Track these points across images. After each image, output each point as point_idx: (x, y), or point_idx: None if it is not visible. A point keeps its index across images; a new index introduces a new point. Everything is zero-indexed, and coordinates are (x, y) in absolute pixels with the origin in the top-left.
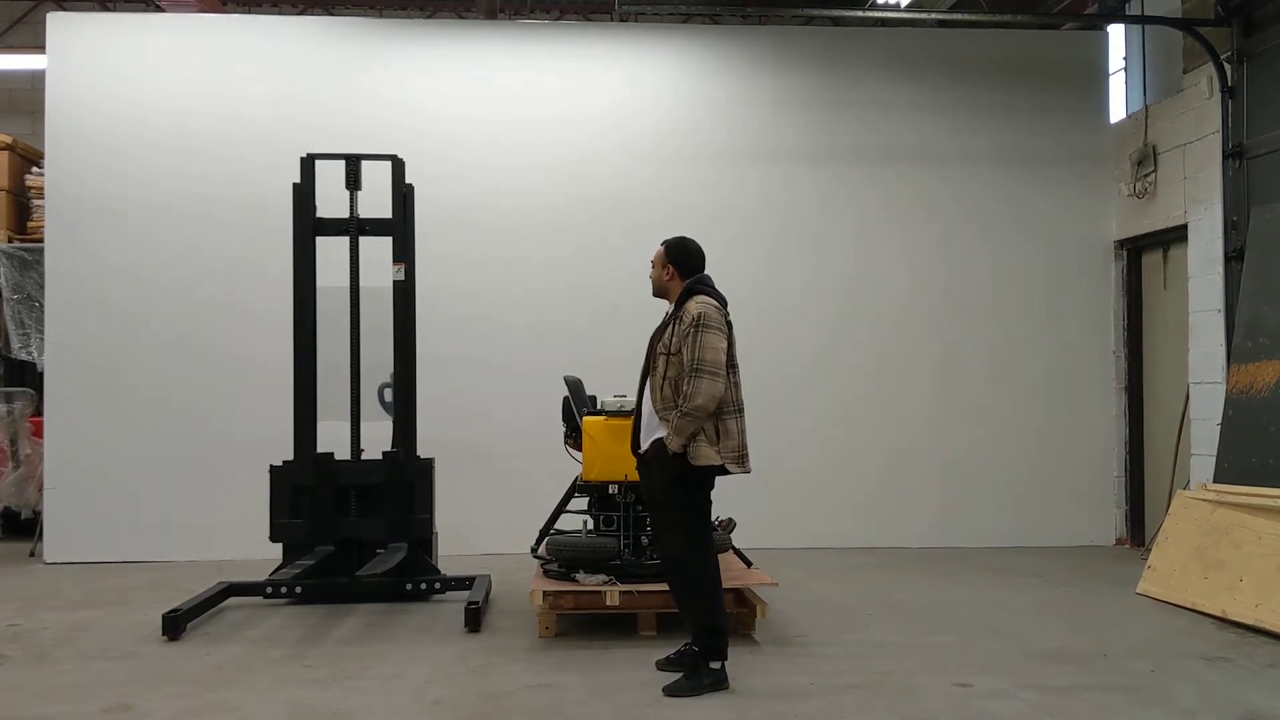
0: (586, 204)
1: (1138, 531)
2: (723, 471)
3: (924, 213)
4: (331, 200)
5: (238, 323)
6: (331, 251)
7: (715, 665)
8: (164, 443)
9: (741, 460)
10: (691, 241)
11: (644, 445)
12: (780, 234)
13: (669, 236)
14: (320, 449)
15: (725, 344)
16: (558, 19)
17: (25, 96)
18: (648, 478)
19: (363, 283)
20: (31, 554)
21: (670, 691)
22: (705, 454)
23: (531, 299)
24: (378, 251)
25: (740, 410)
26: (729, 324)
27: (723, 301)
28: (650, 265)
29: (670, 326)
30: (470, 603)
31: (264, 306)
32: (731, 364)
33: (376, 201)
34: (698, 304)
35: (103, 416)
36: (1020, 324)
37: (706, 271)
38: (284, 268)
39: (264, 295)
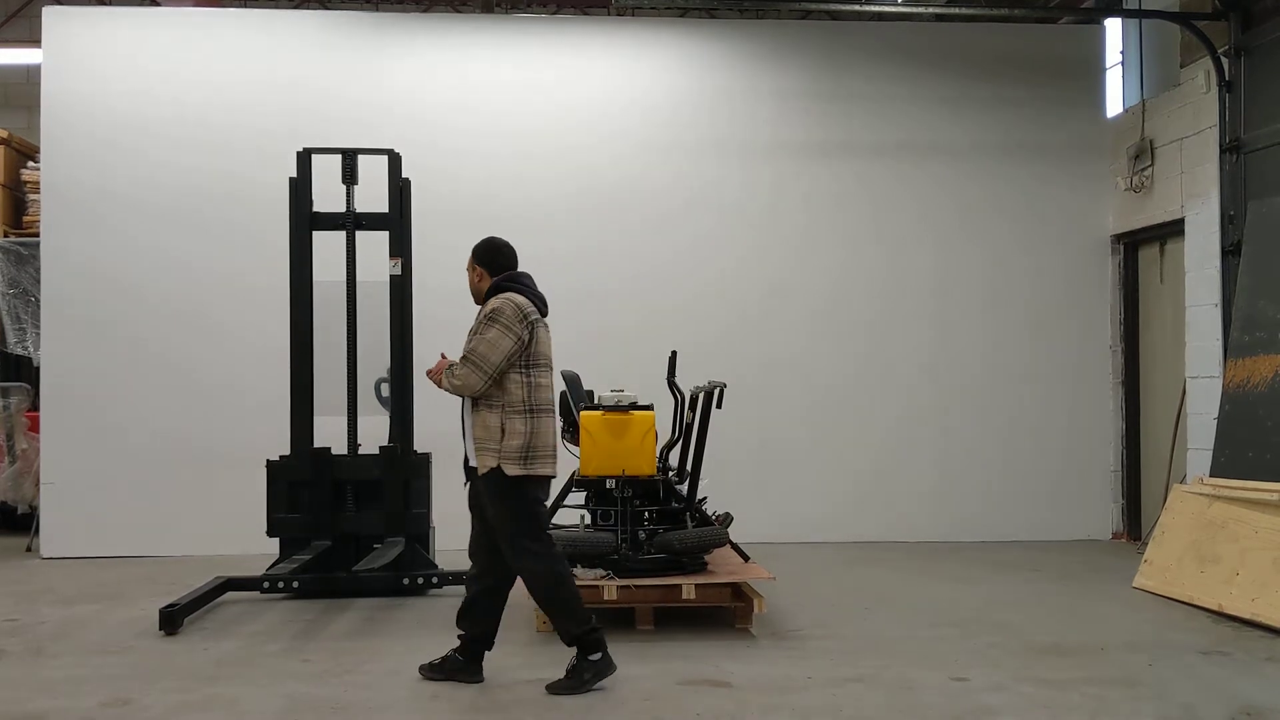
0: (584, 199)
1: (1134, 526)
2: (541, 481)
3: (920, 206)
4: (328, 195)
5: (234, 317)
6: (328, 246)
7: (594, 657)
8: (161, 437)
9: (525, 461)
10: (499, 240)
11: (470, 456)
12: (776, 227)
13: (498, 238)
14: (317, 444)
15: (511, 343)
16: (554, 13)
17: (21, 91)
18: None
19: (359, 277)
20: (28, 549)
21: (552, 689)
22: (483, 459)
23: None
24: (375, 246)
25: (533, 411)
26: (534, 323)
27: (539, 300)
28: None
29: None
30: None
31: (261, 301)
32: (532, 364)
33: (373, 196)
34: (498, 299)
35: (99, 411)
36: (1016, 318)
37: (524, 269)
38: (280, 262)
39: (261, 290)
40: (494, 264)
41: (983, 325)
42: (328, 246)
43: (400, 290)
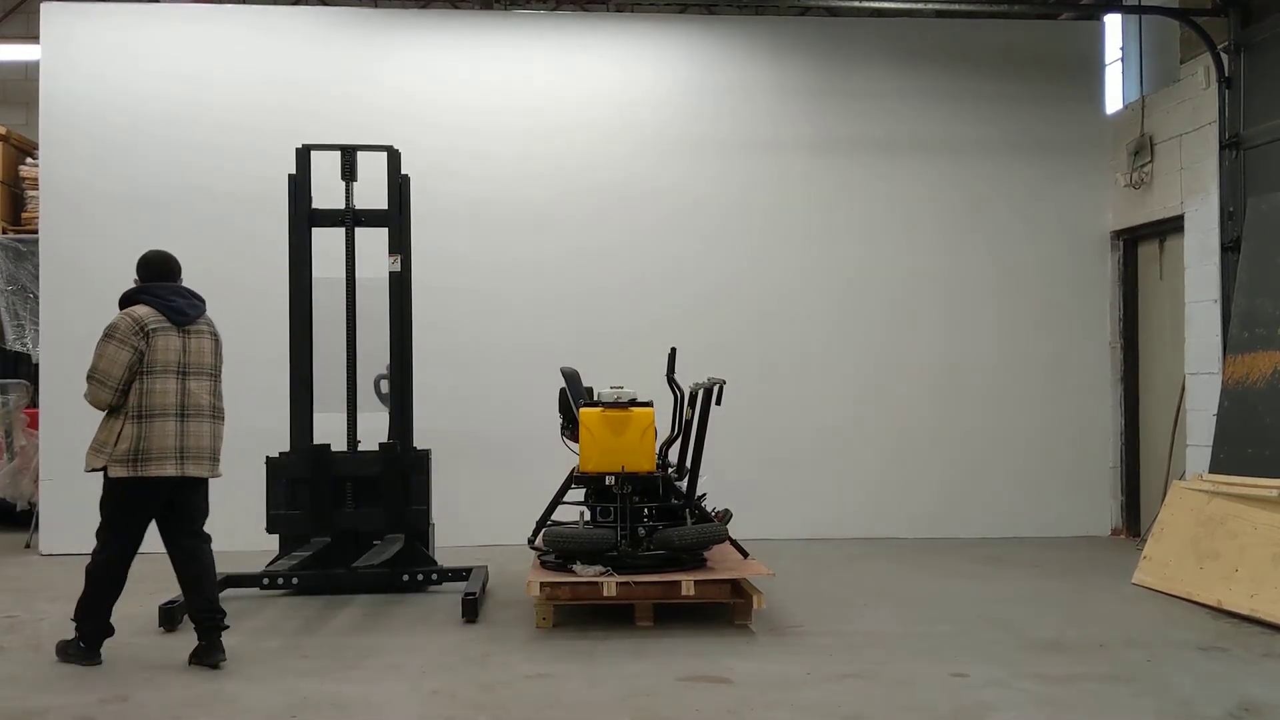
0: (583, 196)
1: (1133, 522)
2: (151, 483)
3: (920, 203)
4: (327, 192)
5: (233, 314)
6: (327, 243)
7: (83, 646)
8: None
9: (132, 464)
10: (151, 252)
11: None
12: (776, 225)
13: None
14: (317, 440)
15: (128, 355)
16: (554, 9)
17: (19, 87)
18: None
19: (359, 274)
20: (27, 546)
21: (58, 649)
22: (91, 459)
23: (529, 291)
24: (374, 243)
25: (144, 416)
26: (150, 333)
27: (172, 309)
28: None
29: None
30: (467, 594)
31: (260, 298)
32: (147, 371)
33: (372, 193)
34: (118, 314)
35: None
36: (1016, 315)
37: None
38: (279, 259)
39: (259, 287)
40: (144, 276)
41: (982, 321)
42: (327, 243)
43: (400, 287)
